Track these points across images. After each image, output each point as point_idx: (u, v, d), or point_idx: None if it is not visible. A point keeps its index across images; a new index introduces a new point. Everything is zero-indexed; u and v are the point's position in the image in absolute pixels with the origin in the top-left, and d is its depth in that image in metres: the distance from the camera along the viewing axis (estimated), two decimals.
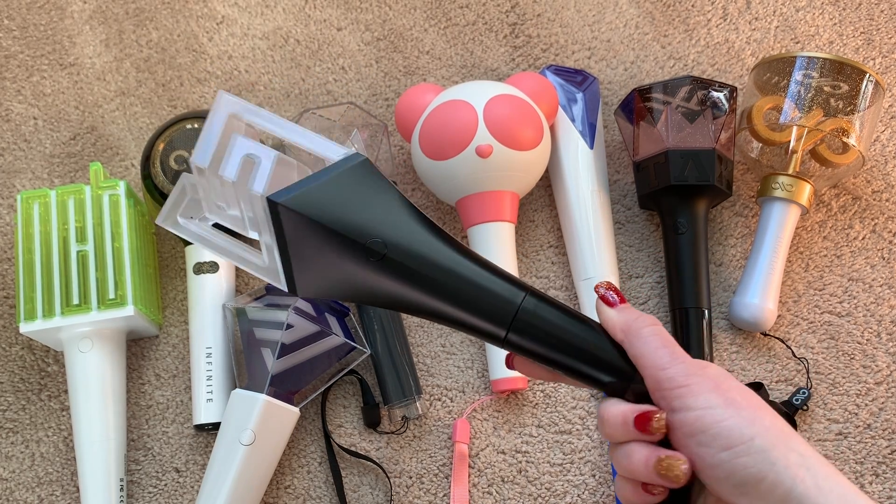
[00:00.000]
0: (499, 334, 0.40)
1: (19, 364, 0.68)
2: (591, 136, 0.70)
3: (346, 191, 0.40)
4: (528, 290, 0.40)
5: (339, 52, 0.78)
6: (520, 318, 0.39)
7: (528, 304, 0.39)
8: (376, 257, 0.39)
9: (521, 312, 0.39)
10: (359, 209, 0.40)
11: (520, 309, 0.39)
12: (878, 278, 0.69)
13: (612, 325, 0.40)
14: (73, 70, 0.78)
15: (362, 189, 0.40)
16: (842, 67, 0.66)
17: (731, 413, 0.35)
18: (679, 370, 0.37)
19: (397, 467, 0.65)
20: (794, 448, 0.35)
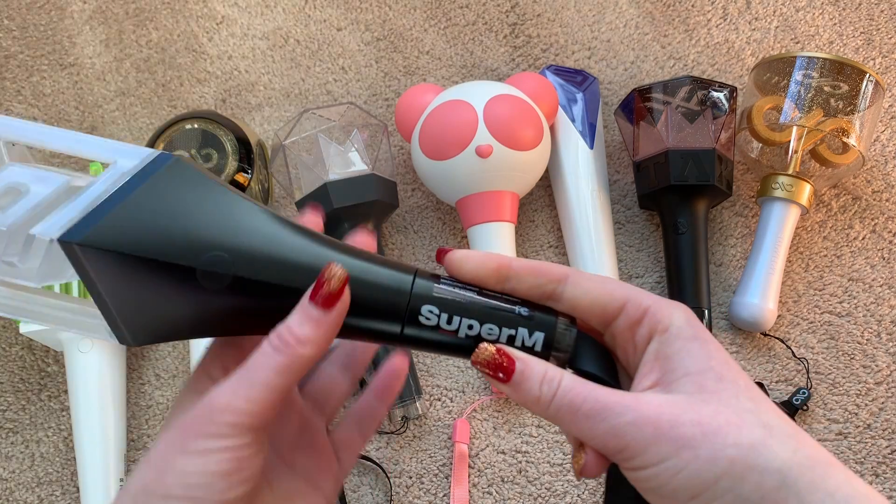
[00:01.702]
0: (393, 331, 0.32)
1: (19, 364, 0.68)
2: (591, 136, 0.70)
3: (164, 199, 0.31)
4: (415, 271, 0.33)
5: (339, 52, 0.78)
6: (412, 306, 0.32)
7: (419, 287, 0.32)
8: (221, 281, 0.31)
9: (413, 299, 0.32)
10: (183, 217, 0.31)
11: (411, 296, 0.32)
12: (878, 278, 0.69)
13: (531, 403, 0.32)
14: (73, 70, 0.78)
15: (184, 196, 0.31)
16: (842, 67, 0.66)
17: (686, 459, 0.29)
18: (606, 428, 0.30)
19: (397, 467, 0.65)
20: (769, 469, 0.28)
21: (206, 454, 0.29)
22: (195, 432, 0.30)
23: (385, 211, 0.68)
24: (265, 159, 0.71)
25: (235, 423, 0.30)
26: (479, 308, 0.32)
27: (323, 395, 0.37)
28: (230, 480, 0.30)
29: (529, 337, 0.32)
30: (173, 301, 0.31)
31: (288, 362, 0.30)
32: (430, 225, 0.72)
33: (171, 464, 0.30)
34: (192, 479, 0.29)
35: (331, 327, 0.31)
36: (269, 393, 0.30)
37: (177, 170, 0.32)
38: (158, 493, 0.29)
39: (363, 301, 0.32)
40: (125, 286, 0.31)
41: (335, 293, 0.30)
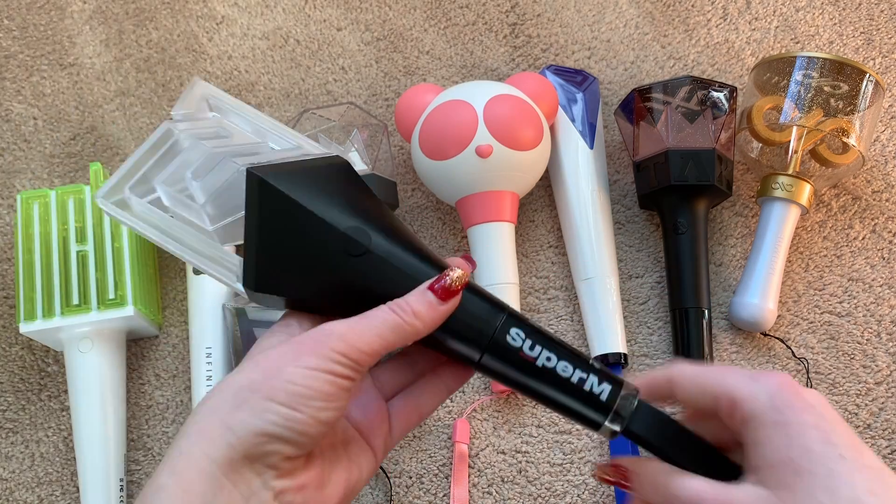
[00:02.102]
0: (473, 357, 0.36)
1: (19, 364, 0.68)
2: (591, 136, 0.70)
3: (328, 182, 0.37)
4: (507, 311, 0.37)
5: (339, 52, 0.78)
6: (497, 339, 0.36)
7: (513, 316, 0.37)
8: (359, 251, 0.35)
9: (499, 333, 0.36)
10: (342, 200, 0.37)
11: (497, 330, 0.36)
12: (878, 278, 0.69)
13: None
14: (73, 70, 0.78)
15: (344, 185, 0.37)
16: (842, 67, 0.66)
17: None
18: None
19: (397, 467, 0.65)
20: None
21: (315, 371, 0.33)
22: (309, 350, 0.33)
23: None
24: None
25: (346, 352, 0.33)
26: (560, 346, 0.36)
27: (385, 377, 0.40)
28: (326, 402, 0.33)
29: (598, 385, 0.35)
30: (310, 256, 0.36)
31: (400, 323, 0.34)
32: (430, 225, 0.72)
33: (280, 371, 0.33)
34: (296, 389, 0.32)
35: (440, 315, 0.35)
36: (377, 339, 0.34)
37: (342, 166, 0.38)
38: (262, 393, 0.32)
39: (465, 310, 0.36)
40: (278, 229, 0.36)
41: (453, 289, 0.35)
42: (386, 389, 0.40)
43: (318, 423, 0.33)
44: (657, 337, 0.68)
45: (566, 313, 0.69)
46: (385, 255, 0.36)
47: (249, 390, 0.33)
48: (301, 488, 0.34)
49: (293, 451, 0.33)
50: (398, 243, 0.36)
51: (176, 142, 0.39)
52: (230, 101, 0.42)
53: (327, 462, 0.36)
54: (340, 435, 0.37)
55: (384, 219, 0.37)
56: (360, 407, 0.39)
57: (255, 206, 0.36)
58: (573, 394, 0.35)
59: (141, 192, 0.39)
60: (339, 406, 0.34)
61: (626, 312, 0.68)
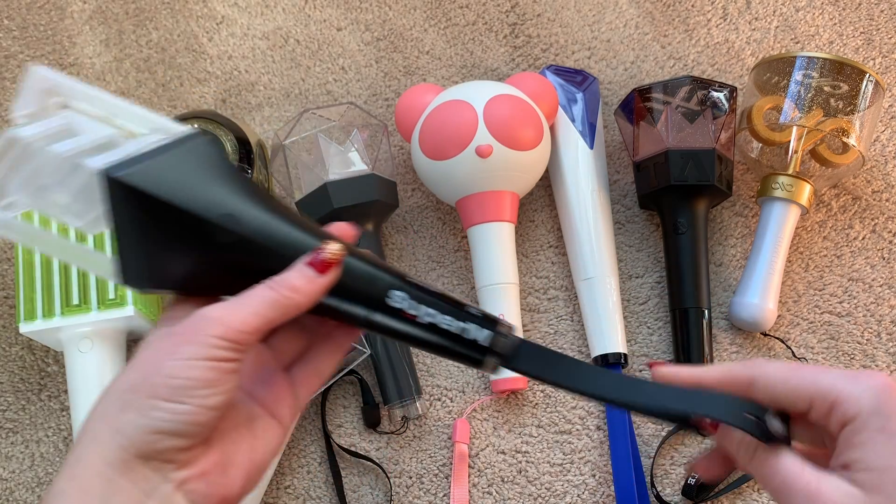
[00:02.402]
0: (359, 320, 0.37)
1: (19, 364, 0.68)
2: (591, 136, 0.70)
3: (190, 167, 0.36)
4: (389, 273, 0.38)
5: (339, 52, 0.78)
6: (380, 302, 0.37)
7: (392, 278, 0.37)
8: (231, 238, 0.35)
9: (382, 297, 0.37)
10: (206, 186, 0.35)
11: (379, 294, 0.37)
12: (878, 278, 0.69)
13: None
14: (73, 70, 0.78)
15: (207, 166, 0.36)
16: (842, 67, 0.66)
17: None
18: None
19: (397, 467, 0.65)
20: None
21: (194, 361, 0.33)
22: (186, 340, 0.33)
23: (385, 211, 0.68)
24: (265, 159, 0.70)
25: (224, 336, 0.33)
26: (440, 302, 0.37)
27: (282, 347, 0.40)
28: (211, 389, 0.33)
29: (479, 332, 0.37)
30: (181, 249, 0.35)
31: (278, 299, 0.34)
32: (430, 225, 0.72)
33: (159, 367, 0.33)
34: (177, 383, 0.32)
35: (319, 288, 0.35)
36: (256, 319, 0.34)
37: (204, 146, 0.37)
38: (145, 393, 0.32)
39: (345, 280, 0.36)
40: (145, 227, 0.35)
41: (331, 262, 0.35)
42: (284, 358, 0.40)
43: (206, 411, 0.33)
44: (657, 337, 0.68)
45: (566, 313, 0.69)
46: (259, 236, 0.35)
47: (132, 391, 0.33)
48: (203, 474, 0.34)
49: (187, 443, 0.33)
50: (272, 221, 0.36)
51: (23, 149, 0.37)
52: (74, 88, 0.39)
53: (229, 443, 0.36)
54: (244, 414, 0.37)
55: (254, 197, 0.36)
56: (261, 382, 0.39)
57: (115, 207, 0.35)
58: (454, 342, 0.37)
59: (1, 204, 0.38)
60: (227, 389, 0.34)
61: (626, 312, 0.68)
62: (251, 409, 0.38)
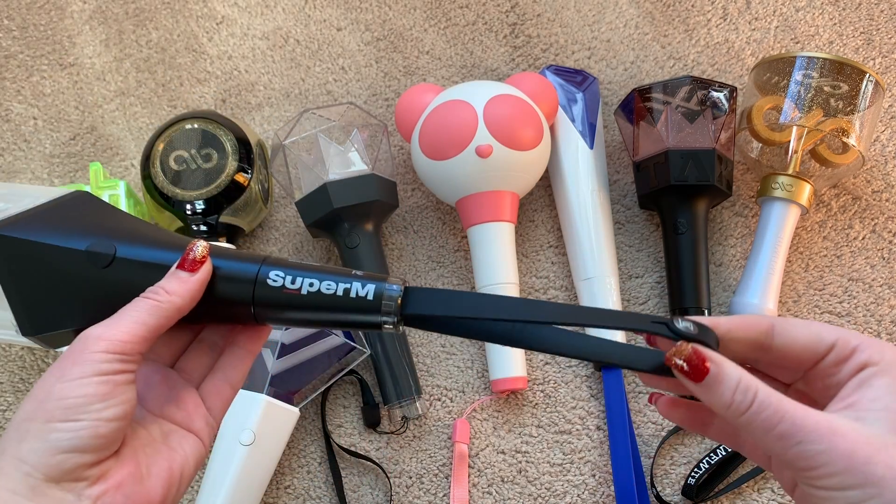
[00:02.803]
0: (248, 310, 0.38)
1: (19, 364, 0.68)
2: (591, 136, 0.70)
3: (67, 214, 0.39)
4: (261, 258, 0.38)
5: (339, 52, 0.78)
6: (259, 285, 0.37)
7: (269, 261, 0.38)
8: (106, 261, 0.37)
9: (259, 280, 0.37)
10: (80, 224, 0.38)
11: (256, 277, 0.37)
12: (878, 278, 0.69)
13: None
14: (73, 70, 0.78)
15: (83, 210, 0.39)
16: (842, 67, 0.66)
17: (870, 494, 0.31)
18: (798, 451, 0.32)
19: (397, 467, 0.65)
20: None
21: (83, 378, 0.34)
22: (72, 361, 0.34)
23: (385, 211, 0.68)
24: (265, 159, 0.71)
25: (108, 350, 0.34)
26: (318, 270, 0.38)
27: (190, 366, 0.42)
28: (106, 402, 0.34)
29: (362, 288, 0.37)
30: (67, 284, 0.37)
31: (156, 305, 0.36)
32: (430, 225, 0.72)
33: (50, 392, 0.34)
34: (69, 403, 0.33)
35: (195, 285, 0.37)
36: (138, 327, 0.35)
37: (81, 198, 0.40)
38: (40, 419, 0.33)
39: (221, 272, 0.38)
40: (30, 273, 0.37)
41: (198, 260, 0.37)
42: (195, 377, 0.41)
43: (105, 423, 0.33)
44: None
45: None
46: (133, 255, 0.38)
47: (28, 420, 0.33)
48: (119, 486, 0.34)
49: (93, 458, 0.34)
50: (145, 241, 0.38)
51: None
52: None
53: (143, 455, 0.36)
54: (156, 432, 0.38)
55: (127, 224, 0.39)
56: (171, 402, 0.40)
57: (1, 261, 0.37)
58: (343, 306, 0.37)
59: None
60: (124, 399, 0.34)
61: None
62: (164, 427, 0.39)
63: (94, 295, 0.38)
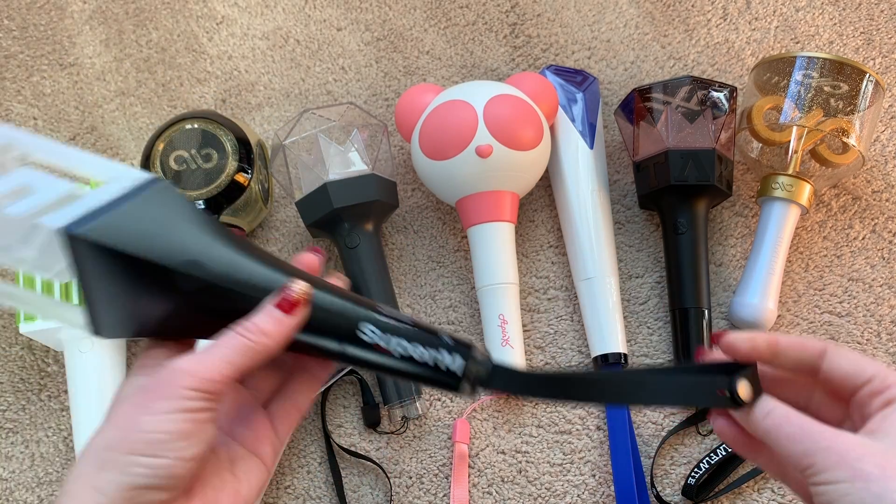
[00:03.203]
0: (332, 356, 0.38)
1: (19, 364, 0.68)
2: (591, 136, 0.70)
3: (151, 214, 0.36)
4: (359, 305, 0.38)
5: (339, 52, 0.78)
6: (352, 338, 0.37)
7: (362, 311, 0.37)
8: (196, 285, 0.35)
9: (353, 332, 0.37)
10: (168, 233, 0.36)
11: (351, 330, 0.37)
12: (878, 278, 0.69)
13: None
14: (73, 70, 0.78)
15: (168, 211, 0.37)
16: (842, 67, 0.66)
17: (857, 487, 0.32)
18: (801, 449, 0.35)
19: (397, 467, 0.65)
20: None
21: (169, 414, 0.33)
22: (159, 394, 0.33)
23: (385, 211, 0.68)
24: (265, 159, 0.71)
25: (196, 387, 0.33)
26: (411, 333, 0.37)
27: (258, 385, 0.41)
28: (188, 441, 0.33)
29: (452, 363, 0.37)
30: (148, 298, 0.35)
31: (248, 345, 0.34)
32: (430, 225, 0.72)
33: (135, 423, 0.33)
34: (154, 438, 0.33)
35: (288, 329, 0.35)
36: (227, 367, 0.34)
37: (164, 191, 0.37)
38: (123, 450, 0.33)
39: (316, 317, 0.37)
40: (109, 278, 0.35)
41: (297, 302, 0.35)
42: (261, 396, 0.40)
43: (185, 462, 0.33)
44: (657, 337, 0.68)
45: (566, 313, 0.69)
46: (223, 280, 0.36)
47: (109, 449, 0.33)
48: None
49: (167, 496, 0.33)
50: (236, 262, 0.36)
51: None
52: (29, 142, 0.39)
53: (210, 489, 0.36)
54: (225, 457, 0.37)
55: (217, 238, 0.37)
56: (240, 421, 0.39)
57: (78, 263, 0.35)
58: (430, 372, 0.37)
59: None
60: (204, 438, 0.34)
61: (626, 312, 0.68)
62: (232, 450, 0.38)
63: (178, 312, 0.36)
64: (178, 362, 0.34)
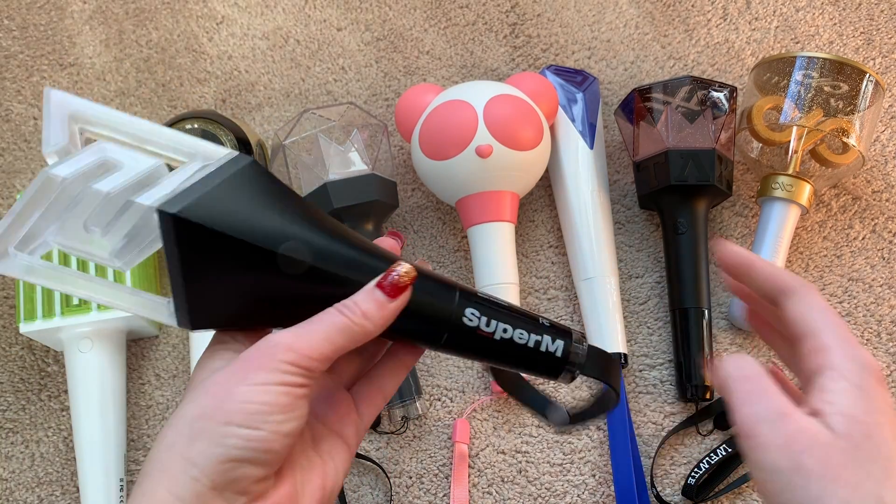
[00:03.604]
0: (432, 343, 0.37)
1: (19, 364, 0.68)
2: (591, 136, 0.70)
3: (244, 194, 0.34)
4: (458, 290, 0.37)
5: (339, 52, 0.78)
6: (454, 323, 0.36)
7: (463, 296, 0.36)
8: (300, 269, 0.33)
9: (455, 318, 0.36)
10: (266, 213, 0.34)
11: (453, 314, 0.36)
12: (878, 278, 0.69)
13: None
14: (73, 70, 0.78)
15: (259, 190, 0.34)
16: (842, 67, 0.66)
17: (795, 483, 0.31)
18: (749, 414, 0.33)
19: (397, 467, 0.65)
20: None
21: (267, 386, 0.32)
22: (257, 366, 0.32)
23: (385, 211, 0.68)
24: (265, 159, 0.71)
25: (295, 362, 0.32)
26: (512, 317, 0.37)
27: (343, 367, 0.40)
28: (285, 414, 0.32)
29: (552, 343, 0.37)
30: (246, 283, 0.33)
31: (348, 325, 0.33)
32: (430, 225, 0.72)
33: (232, 393, 0.32)
34: (251, 408, 0.31)
35: (390, 313, 0.34)
36: (326, 345, 0.33)
37: (252, 169, 0.35)
38: (218, 419, 0.31)
39: (418, 301, 0.35)
40: (204, 263, 0.33)
41: (402, 285, 0.34)
42: (346, 378, 0.40)
43: (281, 437, 0.32)
44: (657, 337, 0.68)
45: (566, 313, 0.69)
46: (326, 263, 0.34)
47: (204, 418, 0.31)
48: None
49: (262, 472, 0.32)
50: (335, 243, 0.35)
51: (64, 190, 0.34)
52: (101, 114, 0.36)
53: (299, 471, 0.35)
54: (309, 435, 0.36)
55: (313, 218, 0.35)
56: (325, 401, 0.38)
57: (175, 246, 0.32)
58: (531, 356, 0.37)
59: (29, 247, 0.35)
60: (300, 415, 0.33)
61: (626, 312, 0.68)
62: (316, 429, 0.37)
63: (276, 298, 0.34)
64: (278, 336, 0.33)
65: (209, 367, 0.34)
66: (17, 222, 0.34)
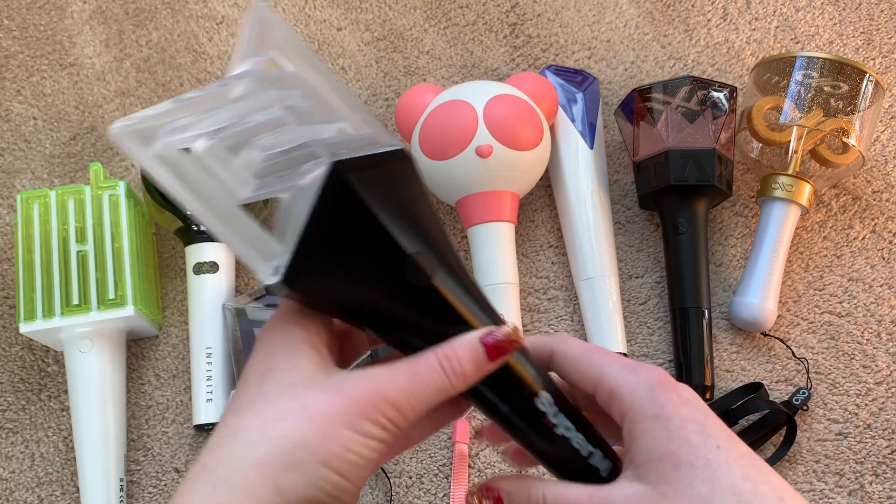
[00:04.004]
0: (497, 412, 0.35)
1: (19, 364, 0.68)
2: (591, 136, 0.70)
3: (398, 187, 0.33)
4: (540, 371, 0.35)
5: (339, 52, 0.78)
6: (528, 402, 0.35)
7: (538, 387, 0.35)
8: (423, 281, 0.32)
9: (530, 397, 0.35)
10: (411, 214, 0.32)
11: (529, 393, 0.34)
12: (878, 278, 0.69)
13: None
14: (73, 70, 0.78)
15: (408, 191, 0.33)
16: (842, 67, 0.66)
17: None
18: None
19: (397, 467, 0.65)
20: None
21: (368, 440, 0.31)
22: (364, 414, 0.31)
23: None
24: None
25: (395, 422, 0.31)
26: (581, 420, 0.35)
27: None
28: (371, 470, 0.31)
29: (602, 461, 0.35)
30: (365, 272, 0.32)
31: (447, 387, 0.32)
32: None
33: (338, 433, 0.30)
34: (351, 458, 0.30)
35: (482, 375, 0.32)
36: (424, 407, 0.32)
37: (413, 169, 0.34)
38: (319, 457, 0.30)
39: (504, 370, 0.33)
40: (342, 234, 0.31)
41: (504, 349, 0.32)
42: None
43: (357, 491, 0.31)
44: (657, 337, 0.68)
45: (566, 313, 0.69)
46: (445, 289, 0.32)
47: (304, 449, 0.30)
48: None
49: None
50: (456, 275, 0.33)
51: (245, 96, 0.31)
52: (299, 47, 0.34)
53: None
54: None
55: (444, 239, 0.33)
56: None
57: (326, 205, 0.31)
58: (576, 463, 0.35)
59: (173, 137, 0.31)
60: (373, 469, 0.32)
61: (626, 312, 0.68)
62: None
63: (384, 300, 0.32)
64: (386, 384, 0.31)
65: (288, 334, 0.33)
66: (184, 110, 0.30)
